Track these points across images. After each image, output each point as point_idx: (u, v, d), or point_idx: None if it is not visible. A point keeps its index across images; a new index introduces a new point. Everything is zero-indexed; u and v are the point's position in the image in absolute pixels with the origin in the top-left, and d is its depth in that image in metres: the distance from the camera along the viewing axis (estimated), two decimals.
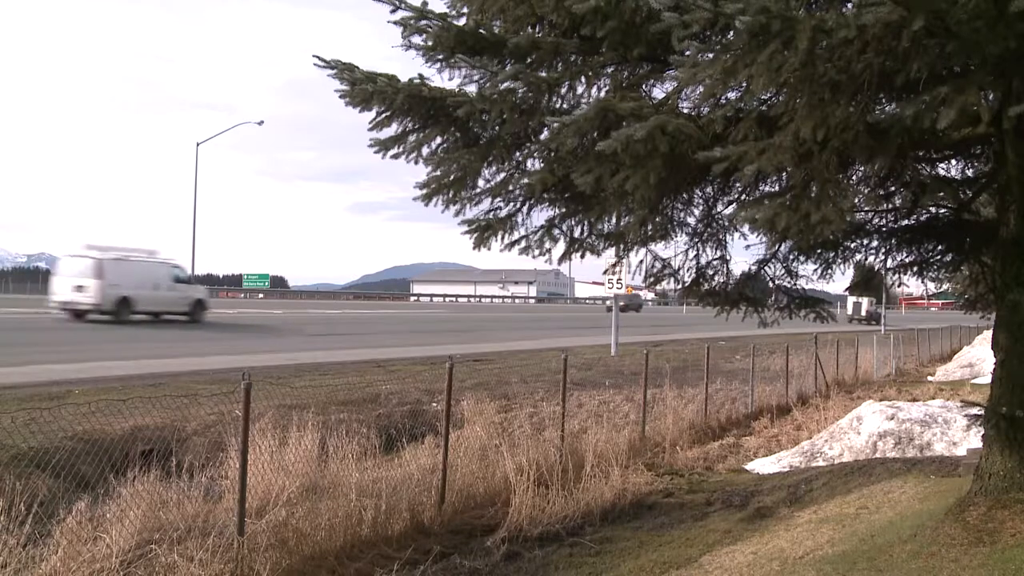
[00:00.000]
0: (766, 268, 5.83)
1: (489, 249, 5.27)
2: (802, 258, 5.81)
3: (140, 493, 5.48)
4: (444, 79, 4.58)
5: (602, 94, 4.48)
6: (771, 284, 5.91)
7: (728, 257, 5.76)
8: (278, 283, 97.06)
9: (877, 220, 5.77)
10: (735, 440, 11.38)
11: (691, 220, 5.51)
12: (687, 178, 4.62)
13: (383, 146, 4.76)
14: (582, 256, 5.36)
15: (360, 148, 5.98)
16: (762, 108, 3.88)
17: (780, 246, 5.61)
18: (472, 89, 4.50)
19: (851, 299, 54.51)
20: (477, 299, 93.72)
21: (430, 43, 4.48)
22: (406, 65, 4.73)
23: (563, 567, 5.69)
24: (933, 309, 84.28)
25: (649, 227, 5.13)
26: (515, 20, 4.55)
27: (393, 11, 4.51)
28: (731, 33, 3.25)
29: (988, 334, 5.73)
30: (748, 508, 6.64)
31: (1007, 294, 4.41)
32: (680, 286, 5.83)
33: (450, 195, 4.83)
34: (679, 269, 5.72)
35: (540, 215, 5.15)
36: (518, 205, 5.05)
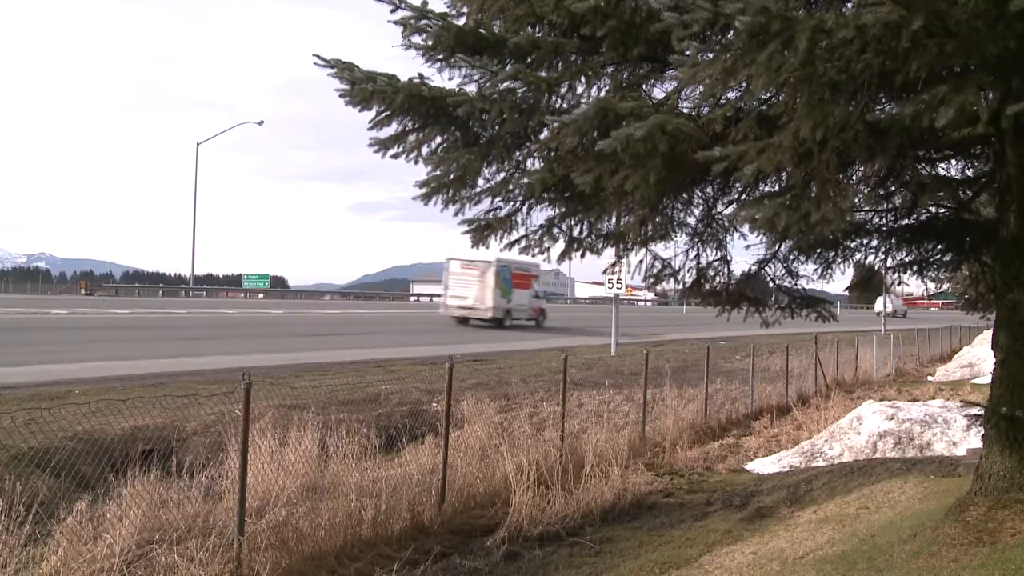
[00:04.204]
0: (766, 268, 5.83)
1: (488, 248, 5.27)
2: (802, 258, 5.81)
3: (140, 493, 5.49)
4: (444, 79, 4.58)
5: (602, 94, 4.48)
6: (772, 284, 5.91)
7: (728, 257, 5.76)
8: (278, 283, 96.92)
9: (877, 220, 5.77)
10: (735, 440, 11.38)
11: (691, 220, 5.51)
12: (687, 178, 4.61)
13: (383, 145, 4.75)
14: (582, 255, 5.36)
15: (360, 148, 5.98)
16: (762, 108, 3.88)
17: (780, 246, 5.61)
18: (472, 89, 4.49)
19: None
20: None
21: (430, 43, 4.48)
22: (406, 65, 4.73)
23: (563, 567, 5.69)
24: (933, 309, 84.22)
25: (649, 227, 5.13)
26: (515, 20, 4.55)
27: (393, 11, 4.50)
28: (731, 33, 3.24)
29: (988, 334, 5.72)
30: (748, 508, 6.64)
31: (1007, 294, 4.40)
32: (681, 286, 5.83)
33: (450, 194, 4.83)
34: (679, 269, 5.72)
35: (540, 214, 5.16)
36: (518, 204, 5.04)
